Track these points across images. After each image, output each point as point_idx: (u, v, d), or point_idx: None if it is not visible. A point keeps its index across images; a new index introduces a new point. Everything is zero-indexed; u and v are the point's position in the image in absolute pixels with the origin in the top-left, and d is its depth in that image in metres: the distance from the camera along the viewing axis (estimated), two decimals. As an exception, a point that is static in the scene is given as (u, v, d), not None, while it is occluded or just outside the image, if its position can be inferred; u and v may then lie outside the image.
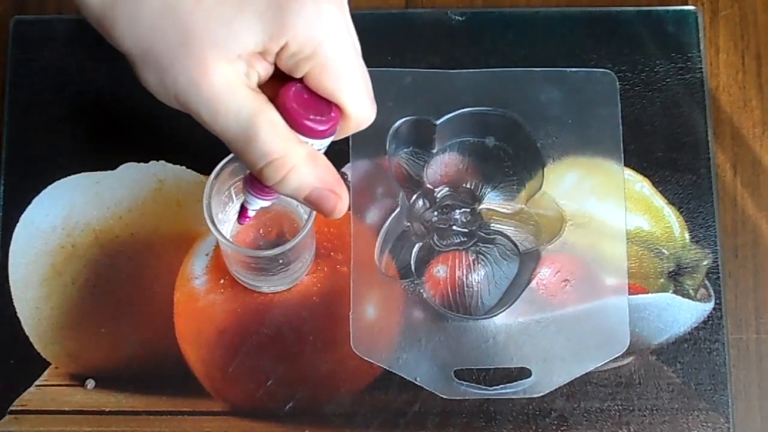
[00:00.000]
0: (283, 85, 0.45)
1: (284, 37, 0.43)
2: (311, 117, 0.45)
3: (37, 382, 0.62)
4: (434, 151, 0.66)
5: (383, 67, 0.66)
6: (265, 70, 0.45)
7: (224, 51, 0.43)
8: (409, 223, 0.65)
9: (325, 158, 0.47)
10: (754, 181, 0.67)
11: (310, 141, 0.45)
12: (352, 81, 0.45)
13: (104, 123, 0.66)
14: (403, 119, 0.65)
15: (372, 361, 0.62)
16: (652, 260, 0.64)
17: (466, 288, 0.64)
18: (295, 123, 0.45)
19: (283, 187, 0.46)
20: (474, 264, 0.64)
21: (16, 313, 0.63)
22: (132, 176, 0.65)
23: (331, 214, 0.47)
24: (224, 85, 0.43)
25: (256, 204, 0.51)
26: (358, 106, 0.46)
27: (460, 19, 0.68)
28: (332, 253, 0.64)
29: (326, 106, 0.45)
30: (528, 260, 0.64)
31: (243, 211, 0.52)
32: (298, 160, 0.45)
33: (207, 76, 0.43)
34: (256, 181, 0.48)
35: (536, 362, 0.62)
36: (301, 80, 0.45)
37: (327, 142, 0.47)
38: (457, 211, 0.65)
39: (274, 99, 0.45)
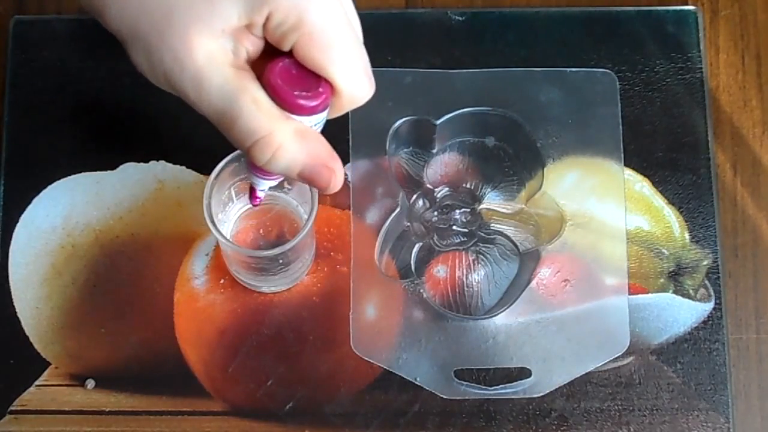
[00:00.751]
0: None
1: (267, 6, 0.42)
2: (296, 93, 0.43)
3: (37, 382, 0.62)
4: (434, 151, 0.66)
5: (383, 67, 0.66)
6: (254, 45, 0.44)
7: (207, 26, 0.42)
8: (409, 223, 0.65)
9: (316, 132, 0.45)
10: (754, 181, 0.67)
11: (299, 118, 0.44)
12: (343, 53, 0.43)
13: (104, 123, 0.66)
14: (403, 119, 0.65)
15: (372, 361, 0.62)
16: (652, 260, 0.64)
17: (466, 288, 0.64)
18: (280, 99, 0.43)
19: (273, 166, 0.44)
20: (474, 264, 0.64)
21: (16, 313, 0.63)
22: (132, 176, 0.65)
23: (327, 189, 0.46)
24: (207, 62, 0.42)
25: (263, 184, 0.50)
26: (350, 80, 0.44)
27: (460, 19, 0.68)
28: (332, 253, 0.64)
29: (315, 82, 0.44)
30: (528, 260, 0.64)
31: (252, 191, 0.51)
32: (285, 138, 0.43)
33: (191, 52, 0.42)
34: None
35: (536, 362, 0.62)
36: (290, 54, 0.43)
37: (319, 118, 0.45)
38: (457, 211, 0.65)
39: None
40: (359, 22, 0.46)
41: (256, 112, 0.43)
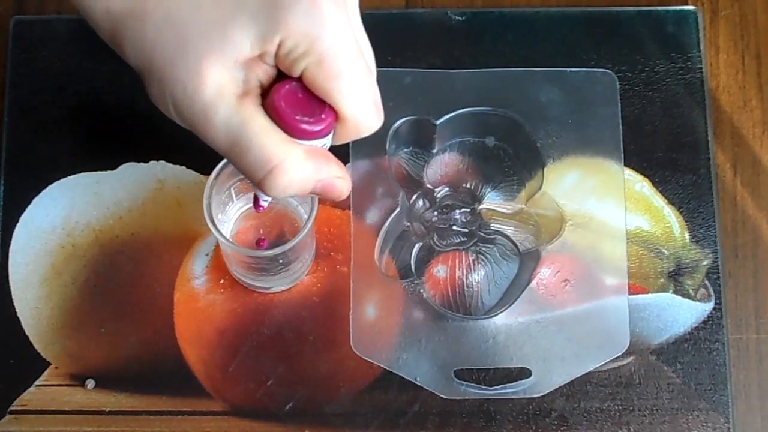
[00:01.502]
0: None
1: (278, 34, 0.41)
2: (298, 117, 0.43)
3: (37, 382, 0.62)
4: (434, 151, 0.66)
5: (383, 67, 0.65)
6: (266, 74, 0.43)
7: (220, 57, 0.42)
8: (409, 223, 0.65)
9: (322, 149, 0.45)
10: (754, 181, 0.67)
11: (302, 142, 0.44)
12: (351, 82, 0.43)
13: (104, 123, 0.66)
14: (403, 119, 0.65)
15: (372, 361, 0.62)
16: (652, 260, 0.64)
17: (466, 288, 0.64)
18: (282, 123, 0.43)
19: (288, 192, 0.44)
20: (474, 264, 0.64)
21: (16, 313, 0.63)
22: (132, 176, 0.65)
23: (337, 199, 0.46)
24: (215, 95, 0.42)
25: (267, 197, 0.50)
26: (356, 109, 0.44)
27: (460, 19, 0.68)
28: (332, 253, 0.64)
29: (320, 107, 0.43)
30: (528, 260, 0.64)
31: (256, 200, 0.51)
32: (295, 163, 0.43)
33: (201, 85, 0.42)
34: None
35: (536, 362, 0.62)
36: (299, 80, 0.43)
37: (322, 142, 0.45)
38: (457, 211, 0.65)
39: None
40: (372, 52, 0.45)
41: (265, 141, 0.42)
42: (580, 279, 0.64)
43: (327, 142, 0.45)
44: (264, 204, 0.51)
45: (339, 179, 0.45)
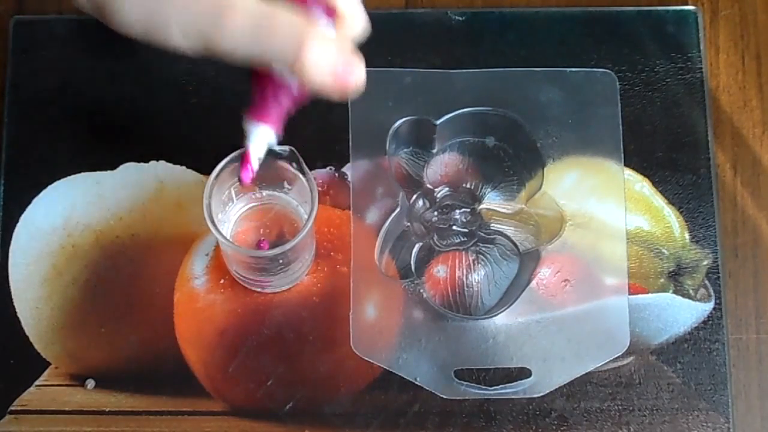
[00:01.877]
0: None
1: None
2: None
3: (37, 382, 0.62)
4: (434, 151, 0.66)
5: (383, 67, 0.66)
6: None
7: None
8: (409, 223, 0.65)
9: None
10: (754, 181, 0.67)
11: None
12: None
13: (104, 123, 0.66)
14: (403, 119, 0.65)
15: (372, 361, 0.62)
16: (652, 260, 0.64)
17: (466, 288, 0.64)
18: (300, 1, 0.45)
19: (319, 69, 0.45)
20: (474, 264, 0.64)
21: (16, 313, 0.63)
22: (132, 176, 0.65)
23: (356, 90, 0.47)
24: None
25: (261, 135, 0.49)
26: (348, 5, 0.47)
27: (460, 19, 0.68)
28: (332, 253, 0.64)
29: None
30: (528, 260, 0.64)
31: (244, 162, 0.51)
32: (321, 35, 0.45)
33: None
34: (266, 98, 0.48)
35: (536, 362, 0.62)
36: None
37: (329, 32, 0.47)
38: (457, 211, 0.65)
39: None
40: None
41: (293, 16, 0.44)
42: (580, 279, 0.64)
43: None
44: (255, 165, 0.51)
45: (357, 65, 0.46)
